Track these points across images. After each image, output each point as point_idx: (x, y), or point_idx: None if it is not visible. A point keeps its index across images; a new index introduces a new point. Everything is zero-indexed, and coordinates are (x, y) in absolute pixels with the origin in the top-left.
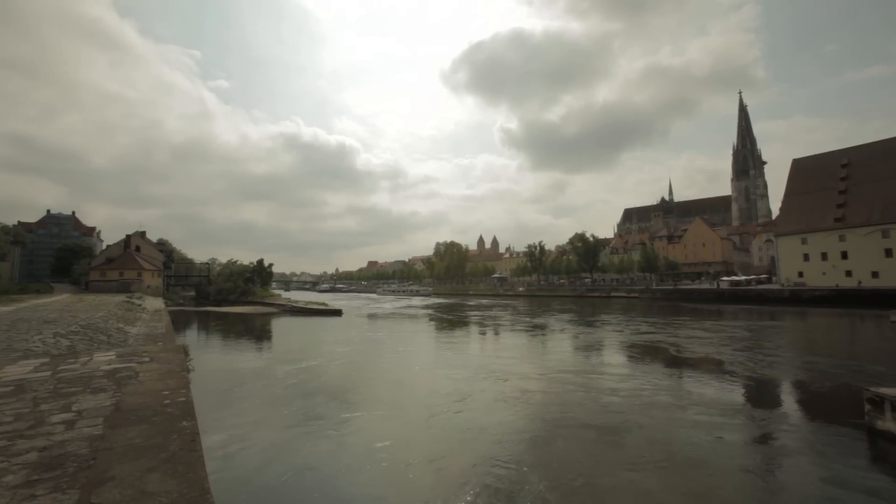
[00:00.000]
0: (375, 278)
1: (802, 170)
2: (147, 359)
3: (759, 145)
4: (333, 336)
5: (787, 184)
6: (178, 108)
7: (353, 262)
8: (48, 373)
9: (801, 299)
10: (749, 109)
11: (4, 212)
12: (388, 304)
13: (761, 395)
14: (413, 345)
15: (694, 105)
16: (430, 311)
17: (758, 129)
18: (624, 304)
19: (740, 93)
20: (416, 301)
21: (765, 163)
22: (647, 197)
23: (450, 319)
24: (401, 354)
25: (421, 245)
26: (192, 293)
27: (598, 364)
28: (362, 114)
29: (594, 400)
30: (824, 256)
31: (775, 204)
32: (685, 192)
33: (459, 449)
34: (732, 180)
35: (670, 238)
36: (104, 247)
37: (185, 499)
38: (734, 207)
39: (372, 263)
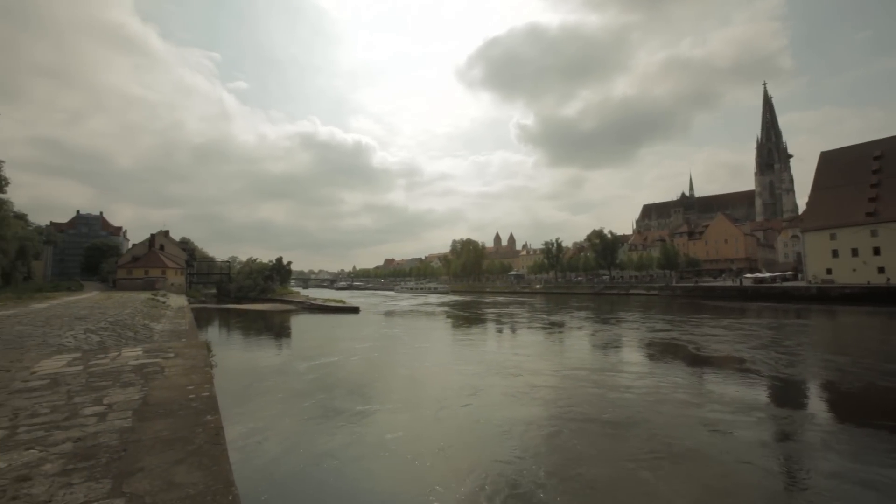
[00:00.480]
0: (392, 276)
1: (831, 163)
2: (172, 354)
3: (785, 138)
4: (351, 333)
5: (814, 177)
6: (199, 109)
7: (370, 259)
8: (80, 367)
9: (830, 297)
10: (774, 101)
11: (37, 212)
12: (405, 301)
13: (784, 394)
14: (428, 341)
15: (716, 98)
16: (446, 309)
17: (784, 121)
18: (643, 301)
19: (765, 84)
20: (433, 298)
21: (791, 156)
22: (667, 193)
23: (466, 317)
24: (416, 351)
25: (437, 242)
26: (214, 291)
27: (613, 361)
28: (378, 112)
29: (603, 396)
30: (855, 252)
31: (802, 199)
32: (706, 188)
33: (468, 440)
34: (756, 175)
35: (691, 234)
36: (130, 246)
37: (211, 490)
38: (758, 203)
39: (389, 261)
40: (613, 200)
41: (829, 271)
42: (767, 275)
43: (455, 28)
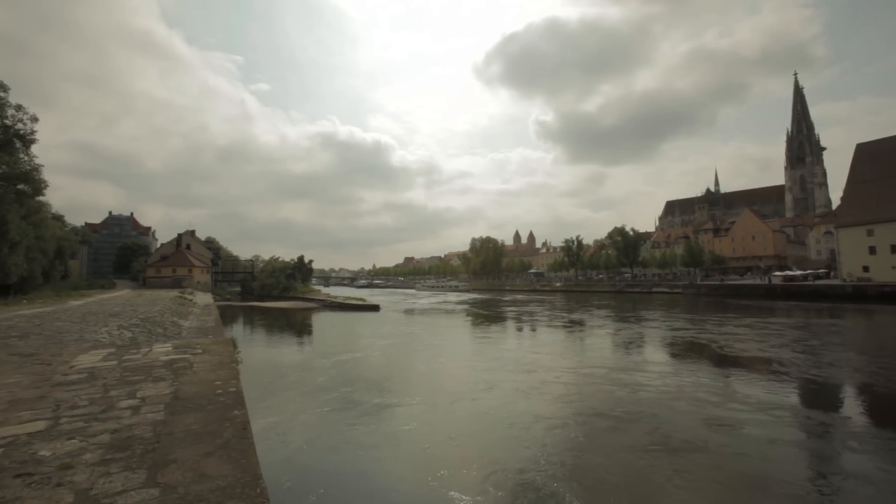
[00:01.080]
0: (412, 274)
1: (868, 155)
2: (200, 351)
3: (818, 130)
4: (371, 330)
5: (849, 170)
6: (222, 111)
7: (389, 257)
8: (115, 362)
9: (867, 296)
10: (806, 91)
11: (73, 213)
12: (424, 299)
13: (808, 394)
14: (446, 339)
15: (743, 89)
16: (465, 307)
17: (816, 112)
18: (666, 299)
19: (795, 74)
20: (452, 297)
21: (823, 149)
22: (691, 188)
23: (485, 315)
24: (434, 348)
25: (456, 241)
26: (238, 289)
27: (631, 359)
28: (397, 111)
29: (615, 393)
30: (894, 249)
31: (836, 193)
32: (733, 183)
33: (477, 431)
34: (786, 169)
35: (716, 231)
36: (159, 245)
37: (240, 483)
38: (788, 198)
39: (408, 259)
40: (635, 197)
41: (865, 269)
42: (798, 273)
43: (472, 25)
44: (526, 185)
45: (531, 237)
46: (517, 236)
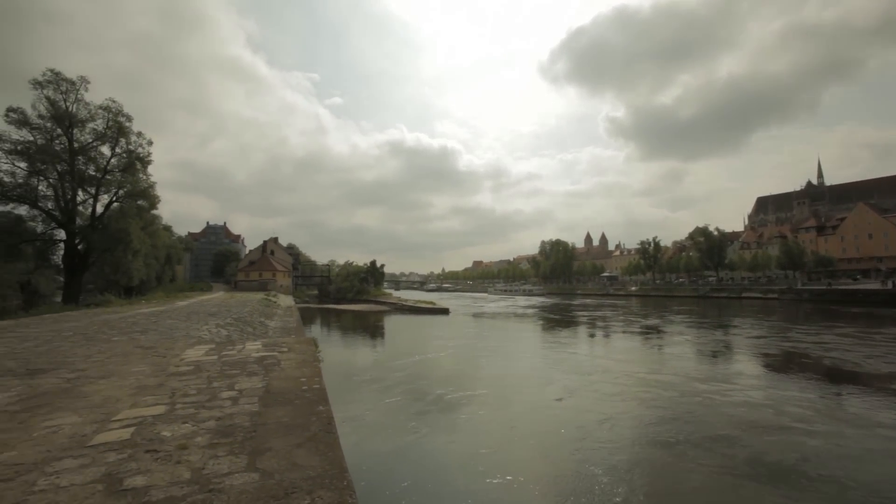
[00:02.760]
0: (480, 278)
1: None
2: (286, 349)
3: None
4: (440, 333)
5: None
6: (299, 125)
7: (458, 261)
8: (215, 357)
9: None
10: None
11: (177, 224)
12: (493, 303)
13: None
14: (513, 342)
15: (855, 65)
16: (534, 311)
17: None
18: (759, 306)
19: None
20: (521, 300)
21: None
22: (787, 182)
23: (555, 319)
24: (500, 351)
25: (526, 244)
26: (315, 292)
27: (715, 369)
28: (463, 116)
29: (665, 397)
30: None
31: None
32: (841, 174)
33: (527, 421)
34: None
35: (821, 229)
36: (247, 251)
37: (329, 474)
38: None
39: (477, 263)
40: (719, 194)
41: None
42: None
43: (536, 23)
44: (596, 186)
45: (603, 239)
46: (588, 238)
